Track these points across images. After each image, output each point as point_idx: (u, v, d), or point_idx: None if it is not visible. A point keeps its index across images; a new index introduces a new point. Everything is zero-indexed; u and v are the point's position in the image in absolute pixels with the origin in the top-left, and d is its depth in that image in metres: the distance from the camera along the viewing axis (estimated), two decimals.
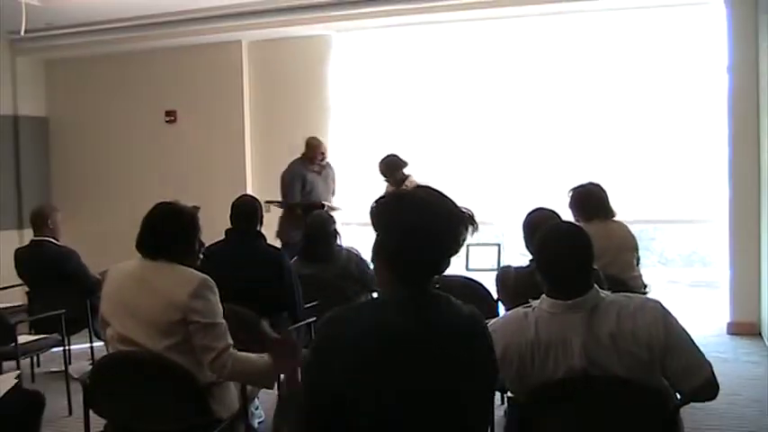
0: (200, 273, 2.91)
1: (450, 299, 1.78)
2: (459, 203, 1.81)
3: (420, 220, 1.75)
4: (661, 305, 2.38)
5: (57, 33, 7.66)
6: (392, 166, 6.38)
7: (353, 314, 1.76)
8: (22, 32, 6.55)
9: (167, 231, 2.95)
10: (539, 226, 3.24)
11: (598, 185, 4.62)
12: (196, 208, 3.09)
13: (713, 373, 2.34)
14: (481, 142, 7.34)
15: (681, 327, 2.35)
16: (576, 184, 4.61)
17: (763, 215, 6.07)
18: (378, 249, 1.80)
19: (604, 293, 2.38)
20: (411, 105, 7.52)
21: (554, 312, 2.34)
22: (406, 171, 6.40)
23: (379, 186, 6.19)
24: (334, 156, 7.59)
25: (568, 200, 4.54)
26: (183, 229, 2.99)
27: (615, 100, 6.94)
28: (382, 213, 1.82)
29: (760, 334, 6.10)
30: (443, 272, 1.80)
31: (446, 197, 1.81)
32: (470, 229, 1.79)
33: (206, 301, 2.84)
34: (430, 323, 1.73)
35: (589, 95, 7.01)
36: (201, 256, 3.07)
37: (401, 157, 6.43)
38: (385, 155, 6.47)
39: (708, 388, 2.34)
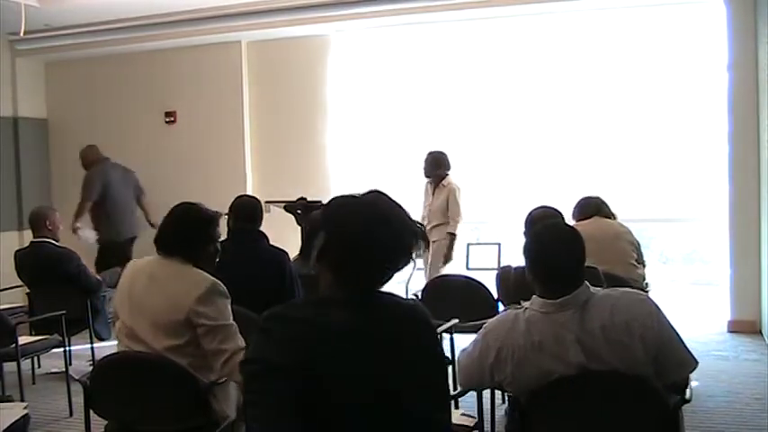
0: (211, 276, 2.90)
1: (391, 293, 1.74)
2: (410, 216, 1.74)
3: (370, 230, 1.68)
4: (652, 300, 2.40)
5: (56, 34, 7.64)
6: (434, 164, 6.26)
7: (293, 311, 1.71)
8: (22, 34, 6.54)
9: (184, 231, 2.96)
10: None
11: (599, 198, 4.73)
12: (219, 214, 3.09)
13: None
14: (481, 141, 7.33)
15: (670, 322, 2.38)
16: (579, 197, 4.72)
17: (763, 213, 6.06)
18: (323, 251, 1.71)
19: (595, 289, 2.38)
20: (411, 105, 7.51)
21: (546, 312, 2.34)
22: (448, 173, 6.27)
23: (379, 185, 6.15)
24: (333, 155, 7.61)
25: (571, 212, 4.61)
26: (200, 231, 2.99)
27: (615, 99, 6.93)
28: (331, 216, 1.75)
29: (760, 332, 6.10)
30: (389, 281, 1.73)
31: (399, 206, 1.75)
32: (420, 244, 1.72)
33: (214, 304, 2.83)
34: (372, 318, 1.69)
35: (589, 94, 7.00)
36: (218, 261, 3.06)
37: (447, 157, 6.29)
38: (432, 150, 6.36)
39: (686, 381, 2.44)
